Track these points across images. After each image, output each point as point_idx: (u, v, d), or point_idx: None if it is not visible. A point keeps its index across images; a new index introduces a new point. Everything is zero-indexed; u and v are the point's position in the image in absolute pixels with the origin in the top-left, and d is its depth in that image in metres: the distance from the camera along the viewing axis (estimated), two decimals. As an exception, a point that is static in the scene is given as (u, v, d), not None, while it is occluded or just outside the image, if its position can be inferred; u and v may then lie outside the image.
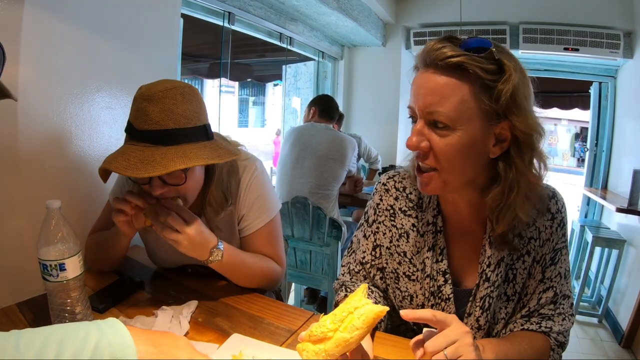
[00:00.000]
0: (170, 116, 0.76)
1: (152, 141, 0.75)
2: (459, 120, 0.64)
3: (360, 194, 2.56)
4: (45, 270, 0.70)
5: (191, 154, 0.76)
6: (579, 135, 12.38)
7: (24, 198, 0.93)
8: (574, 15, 2.98)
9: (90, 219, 1.10)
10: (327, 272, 2.09)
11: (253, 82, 10.28)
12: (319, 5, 2.56)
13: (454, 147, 0.65)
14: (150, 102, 0.75)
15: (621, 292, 2.60)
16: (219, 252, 0.85)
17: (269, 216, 0.99)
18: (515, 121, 0.64)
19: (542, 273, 0.77)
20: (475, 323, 0.76)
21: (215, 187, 0.92)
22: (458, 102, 0.63)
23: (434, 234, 0.80)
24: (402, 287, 0.84)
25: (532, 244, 0.76)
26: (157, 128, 0.75)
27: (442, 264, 0.79)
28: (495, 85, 0.63)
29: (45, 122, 0.97)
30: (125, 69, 1.18)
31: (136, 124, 0.76)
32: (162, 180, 0.80)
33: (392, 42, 3.72)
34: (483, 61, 0.63)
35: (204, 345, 0.75)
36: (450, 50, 0.63)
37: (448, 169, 0.68)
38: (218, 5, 2.22)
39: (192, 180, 0.85)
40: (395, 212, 0.86)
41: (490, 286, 0.75)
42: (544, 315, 0.77)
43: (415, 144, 0.67)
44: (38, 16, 0.91)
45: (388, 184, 0.88)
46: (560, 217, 0.78)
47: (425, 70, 0.67)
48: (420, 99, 0.67)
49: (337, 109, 2.48)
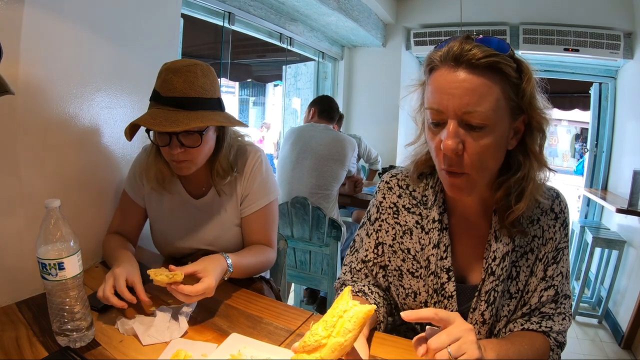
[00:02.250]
0: (192, 86, 0.90)
1: (176, 105, 0.89)
2: (493, 119, 0.65)
3: (360, 194, 2.56)
4: (44, 269, 0.70)
5: (208, 117, 0.91)
6: (579, 136, 12.37)
7: (24, 197, 0.93)
8: (574, 16, 2.98)
9: (89, 218, 1.11)
10: (327, 272, 2.09)
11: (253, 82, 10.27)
12: (319, 5, 2.56)
13: (488, 147, 0.66)
14: (175, 74, 0.89)
15: (621, 293, 2.60)
16: (229, 271, 0.92)
17: (268, 199, 1.10)
18: (533, 114, 0.69)
19: (544, 271, 0.78)
20: (480, 317, 0.77)
21: (223, 157, 1.04)
22: (494, 102, 0.64)
23: (439, 231, 0.80)
24: (405, 285, 0.84)
25: (535, 242, 0.78)
26: (180, 95, 0.89)
27: (446, 261, 0.79)
28: (520, 83, 0.67)
29: (44, 121, 0.97)
30: (125, 69, 1.18)
31: (162, 91, 0.90)
32: (180, 142, 0.91)
33: (392, 43, 3.72)
34: (510, 60, 0.65)
35: (202, 345, 0.75)
36: (482, 51, 0.63)
37: (479, 170, 0.68)
38: (218, 6, 2.22)
39: (205, 145, 0.97)
40: (398, 210, 0.86)
41: (495, 280, 0.76)
42: (545, 314, 0.77)
43: (453, 147, 0.65)
44: (38, 16, 0.91)
45: (391, 182, 0.89)
46: (563, 217, 0.79)
47: (455, 70, 0.65)
48: (455, 100, 0.64)
49: (337, 109, 2.48)
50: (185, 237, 1.10)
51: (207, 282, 0.82)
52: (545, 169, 0.73)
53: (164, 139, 0.93)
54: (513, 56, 0.66)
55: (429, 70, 0.71)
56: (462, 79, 0.64)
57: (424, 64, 0.73)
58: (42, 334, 0.77)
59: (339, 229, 2.03)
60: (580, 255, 3.09)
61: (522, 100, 0.67)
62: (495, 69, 0.64)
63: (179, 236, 1.10)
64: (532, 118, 0.69)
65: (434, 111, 0.68)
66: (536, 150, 0.71)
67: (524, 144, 0.71)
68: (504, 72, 0.65)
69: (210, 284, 0.82)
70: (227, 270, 0.91)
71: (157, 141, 0.95)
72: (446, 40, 0.69)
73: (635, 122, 2.82)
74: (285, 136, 2.44)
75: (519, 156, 0.72)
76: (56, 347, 0.73)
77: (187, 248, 1.11)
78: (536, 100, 0.69)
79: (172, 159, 0.95)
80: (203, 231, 1.09)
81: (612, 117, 3.24)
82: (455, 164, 0.67)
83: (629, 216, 2.55)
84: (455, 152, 0.65)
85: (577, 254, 3.12)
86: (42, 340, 0.75)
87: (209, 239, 1.10)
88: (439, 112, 0.67)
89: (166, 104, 0.89)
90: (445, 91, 0.65)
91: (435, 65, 0.69)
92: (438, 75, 0.67)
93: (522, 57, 0.68)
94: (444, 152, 0.66)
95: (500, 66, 0.64)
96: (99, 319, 0.83)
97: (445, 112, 0.66)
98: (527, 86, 0.67)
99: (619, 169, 3.08)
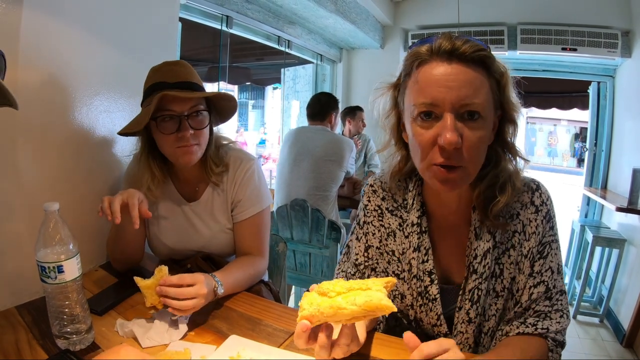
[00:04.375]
0: (191, 75, 1.01)
1: (183, 88, 0.97)
2: (488, 111, 0.67)
3: (359, 195, 2.55)
4: (43, 272, 0.70)
5: (213, 93, 1.03)
6: (579, 135, 12.37)
7: (23, 201, 0.94)
8: (571, 15, 2.99)
9: (88, 221, 1.11)
10: (327, 274, 2.09)
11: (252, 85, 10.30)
12: (316, 8, 2.57)
13: (482, 140, 0.67)
14: (175, 65, 1.01)
15: (622, 291, 2.60)
16: (220, 288, 0.91)
17: (261, 206, 1.12)
18: (508, 107, 0.72)
19: (531, 267, 0.76)
20: (465, 316, 0.76)
21: (214, 151, 1.10)
22: (486, 94, 0.67)
23: (418, 235, 0.80)
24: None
25: (516, 238, 0.76)
26: (185, 80, 0.98)
27: (427, 264, 0.79)
28: (501, 79, 0.70)
29: (43, 125, 0.97)
30: (124, 73, 1.18)
31: (168, 79, 0.97)
32: (189, 124, 0.97)
33: (390, 44, 3.73)
34: (494, 56, 0.69)
35: (201, 347, 0.75)
36: (472, 46, 0.66)
37: (475, 163, 0.68)
38: (216, 9, 2.23)
39: (207, 129, 1.04)
40: (382, 212, 0.87)
41: (478, 278, 0.75)
42: (541, 312, 0.75)
43: (456, 139, 0.63)
44: (36, 20, 0.91)
45: (375, 185, 0.89)
46: (545, 209, 0.76)
47: (448, 63, 0.65)
48: (453, 92, 0.64)
49: (325, 104, 2.39)
50: (179, 240, 1.11)
51: (198, 287, 0.82)
52: (520, 159, 0.76)
53: (173, 124, 0.96)
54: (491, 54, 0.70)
55: (416, 65, 0.69)
56: (457, 72, 0.65)
57: (406, 60, 0.72)
58: (42, 337, 0.77)
59: (338, 230, 2.03)
60: (580, 254, 3.09)
61: (503, 95, 0.71)
62: (484, 63, 0.67)
63: (173, 238, 1.11)
64: (507, 112, 0.72)
65: (426, 105, 0.66)
66: (510, 141, 0.75)
67: (501, 136, 0.74)
68: (490, 67, 0.68)
69: (201, 289, 0.82)
70: (216, 284, 0.90)
71: (164, 130, 0.97)
72: (426, 39, 0.69)
73: (634, 121, 2.82)
74: (284, 138, 2.44)
75: (497, 149, 0.74)
76: (56, 350, 0.73)
77: (181, 250, 1.12)
78: (511, 95, 0.72)
79: (181, 144, 0.97)
80: (196, 233, 1.10)
81: (611, 115, 3.24)
82: (454, 157, 0.65)
83: (629, 215, 2.55)
84: (456, 145, 0.63)
85: (578, 253, 3.12)
86: (42, 343, 0.75)
87: (202, 242, 1.11)
88: (432, 105, 0.65)
89: (174, 87, 0.96)
90: (441, 84, 0.65)
91: (423, 59, 0.68)
92: (428, 69, 0.67)
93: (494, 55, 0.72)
94: (445, 146, 0.64)
95: (488, 61, 0.67)
96: (98, 321, 0.83)
97: (441, 105, 0.65)
98: (506, 81, 0.71)
99: (619, 168, 3.08)
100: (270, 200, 1.17)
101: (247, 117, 12.09)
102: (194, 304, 0.80)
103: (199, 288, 0.82)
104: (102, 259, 1.16)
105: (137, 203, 0.89)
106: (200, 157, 1.05)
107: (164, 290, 0.79)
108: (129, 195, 0.90)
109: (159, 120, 0.96)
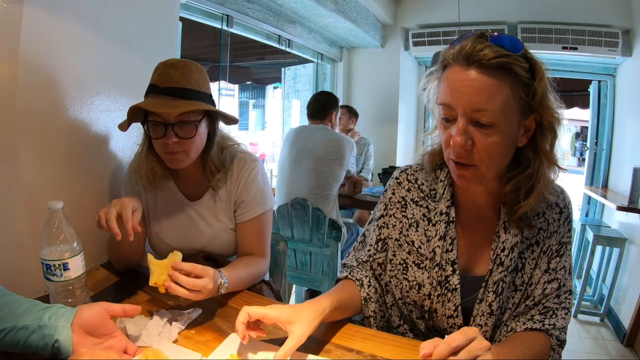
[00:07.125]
0: (187, 79, 0.95)
1: (173, 95, 0.94)
2: (502, 118, 0.67)
3: (360, 195, 2.56)
4: (48, 270, 0.71)
5: (202, 105, 0.96)
6: (580, 134, 12.34)
7: (23, 200, 0.94)
8: (572, 14, 2.99)
9: (88, 221, 1.11)
10: (327, 273, 2.09)
11: (253, 84, 10.30)
12: (317, 7, 2.57)
13: (496, 144, 0.68)
14: (172, 68, 0.95)
15: (623, 290, 2.60)
16: (224, 285, 0.90)
17: (264, 208, 1.11)
18: (544, 113, 0.70)
19: (548, 264, 0.79)
20: (487, 309, 0.78)
21: (215, 154, 1.07)
22: (503, 101, 0.66)
23: (446, 224, 0.82)
24: (410, 277, 0.85)
25: (541, 234, 0.79)
26: (177, 86, 0.94)
27: (451, 253, 0.81)
28: (532, 83, 0.68)
29: (44, 123, 0.98)
30: (124, 72, 1.19)
31: (159, 83, 0.94)
32: (175, 133, 0.94)
33: (390, 44, 3.73)
34: (522, 61, 0.67)
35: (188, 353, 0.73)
36: (493, 51, 0.65)
37: (488, 164, 0.70)
38: (216, 9, 2.23)
39: (198, 137, 0.99)
40: (406, 203, 0.88)
41: (504, 270, 0.77)
42: (549, 308, 0.78)
43: (462, 143, 0.68)
44: (37, 19, 0.92)
45: (400, 177, 0.91)
46: (567, 212, 0.81)
47: (466, 68, 0.67)
48: (465, 98, 0.67)
49: (325, 104, 2.39)
50: (181, 239, 1.11)
51: (206, 282, 0.82)
52: (555, 167, 0.75)
53: (159, 130, 0.94)
54: (526, 55, 0.68)
55: (442, 67, 0.73)
56: (472, 78, 0.66)
57: (438, 60, 0.75)
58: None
59: (339, 229, 2.03)
60: (581, 253, 3.09)
61: (533, 100, 0.68)
62: (506, 69, 0.66)
63: (174, 238, 1.11)
64: (543, 117, 0.71)
65: (445, 107, 0.70)
66: (546, 148, 0.73)
67: (534, 142, 0.73)
68: (515, 72, 0.66)
69: (208, 284, 0.82)
70: (222, 282, 0.89)
71: (152, 134, 0.96)
72: (459, 38, 0.70)
73: (634, 119, 2.82)
74: (284, 137, 2.45)
75: (529, 153, 0.74)
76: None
77: (182, 249, 1.10)
78: (548, 100, 0.70)
79: (166, 150, 0.96)
80: (198, 233, 1.10)
81: (612, 114, 3.24)
82: (464, 157, 0.70)
83: (629, 214, 2.55)
84: (464, 148, 0.68)
85: (579, 252, 3.12)
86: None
87: (204, 241, 1.10)
88: (450, 108, 0.69)
89: (163, 93, 0.93)
90: (456, 89, 0.68)
91: (448, 62, 0.71)
92: (450, 73, 0.70)
93: (535, 56, 0.69)
94: (453, 147, 0.69)
95: (511, 66, 0.66)
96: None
97: (456, 109, 0.68)
98: (538, 85, 0.68)
99: (619, 167, 3.08)
100: (273, 201, 1.17)
101: (248, 117, 12.10)
102: (195, 296, 0.81)
103: (206, 282, 0.82)
104: (102, 258, 1.17)
105: (130, 215, 0.88)
106: (199, 160, 1.05)
107: (175, 276, 0.79)
108: (122, 206, 0.89)
109: (150, 123, 0.95)
